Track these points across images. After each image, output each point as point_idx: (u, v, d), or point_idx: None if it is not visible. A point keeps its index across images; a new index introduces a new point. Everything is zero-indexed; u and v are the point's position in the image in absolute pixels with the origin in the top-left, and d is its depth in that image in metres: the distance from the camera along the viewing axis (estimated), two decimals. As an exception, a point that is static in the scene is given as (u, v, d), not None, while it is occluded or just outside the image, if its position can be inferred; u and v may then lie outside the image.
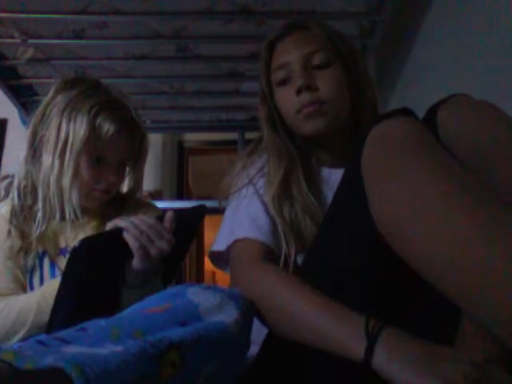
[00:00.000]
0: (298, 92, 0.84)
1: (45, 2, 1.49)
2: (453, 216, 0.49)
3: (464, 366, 0.48)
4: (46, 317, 0.79)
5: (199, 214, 0.89)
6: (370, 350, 0.53)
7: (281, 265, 0.80)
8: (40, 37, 1.64)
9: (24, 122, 2.13)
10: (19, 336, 0.81)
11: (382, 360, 0.52)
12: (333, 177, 0.87)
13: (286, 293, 0.66)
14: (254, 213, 0.84)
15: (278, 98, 0.90)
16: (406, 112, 0.63)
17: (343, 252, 0.64)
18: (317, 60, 0.86)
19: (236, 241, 0.81)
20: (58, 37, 1.64)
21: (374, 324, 0.55)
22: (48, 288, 0.83)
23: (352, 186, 0.63)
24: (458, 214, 0.49)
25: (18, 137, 2.49)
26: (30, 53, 1.71)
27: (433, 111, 0.63)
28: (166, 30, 1.64)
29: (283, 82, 0.88)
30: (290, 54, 0.87)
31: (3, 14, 1.51)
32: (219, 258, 0.89)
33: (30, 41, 1.64)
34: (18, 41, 1.62)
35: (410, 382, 0.49)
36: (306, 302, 0.62)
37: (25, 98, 1.96)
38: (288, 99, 0.87)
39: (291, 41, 0.89)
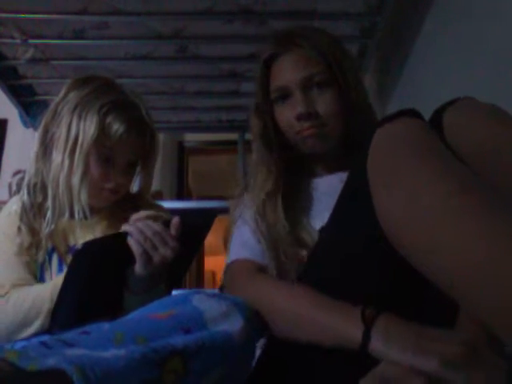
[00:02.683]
0: (299, 118, 0.87)
1: (45, 2, 1.49)
2: (456, 217, 0.49)
3: (458, 346, 0.50)
4: None
5: (208, 220, 0.88)
6: (367, 335, 0.55)
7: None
8: (40, 37, 1.63)
9: (24, 122, 2.12)
10: (34, 327, 0.81)
11: (379, 344, 0.54)
12: (320, 185, 0.91)
13: (283, 292, 0.68)
14: (243, 238, 0.87)
15: (276, 115, 0.92)
16: (413, 113, 0.63)
17: (349, 253, 0.65)
18: (314, 82, 0.88)
19: (229, 264, 0.85)
20: (59, 37, 1.64)
21: (370, 311, 0.57)
22: (61, 279, 0.82)
23: (358, 187, 0.63)
24: (461, 215, 0.49)
25: (18, 137, 2.49)
26: (30, 53, 1.71)
27: (439, 113, 0.63)
28: (166, 31, 1.64)
29: (282, 99, 0.90)
30: (287, 78, 0.89)
31: (3, 14, 1.51)
32: None
33: (30, 41, 1.63)
34: (18, 41, 1.62)
35: (408, 362, 0.51)
36: (304, 298, 0.64)
37: (25, 98, 1.96)
38: (287, 119, 0.89)
39: (287, 62, 0.89)
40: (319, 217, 0.83)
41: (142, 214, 0.80)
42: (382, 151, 0.60)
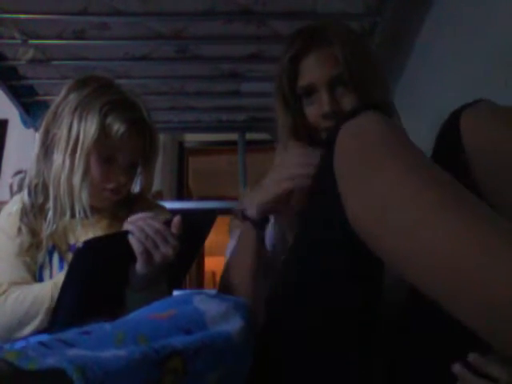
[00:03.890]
0: (325, 117, 0.88)
1: (45, 3, 1.48)
2: (431, 213, 0.47)
3: None
4: None
5: (209, 220, 0.88)
6: None
7: None
8: (40, 37, 1.63)
9: (24, 123, 2.12)
10: (33, 325, 0.81)
11: None
12: None
13: None
14: None
15: (305, 109, 0.92)
16: (374, 107, 0.60)
17: (319, 247, 0.63)
18: (341, 81, 0.88)
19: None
20: (59, 37, 1.64)
21: None
22: (61, 278, 0.83)
23: (325, 183, 0.61)
24: (435, 211, 0.47)
25: (18, 137, 2.49)
26: (30, 53, 1.71)
27: (456, 116, 0.62)
28: (166, 31, 1.64)
29: (307, 95, 0.90)
30: (314, 76, 0.89)
31: (3, 15, 1.51)
32: None
33: (31, 41, 1.63)
34: (18, 41, 1.62)
35: None
36: None
37: (25, 98, 1.95)
38: (314, 115, 0.90)
39: (315, 59, 0.89)
40: None
41: (140, 215, 0.80)
42: (348, 150, 0.58)
